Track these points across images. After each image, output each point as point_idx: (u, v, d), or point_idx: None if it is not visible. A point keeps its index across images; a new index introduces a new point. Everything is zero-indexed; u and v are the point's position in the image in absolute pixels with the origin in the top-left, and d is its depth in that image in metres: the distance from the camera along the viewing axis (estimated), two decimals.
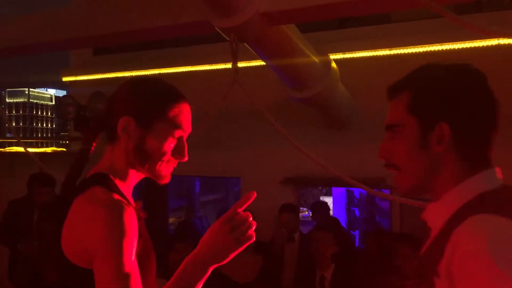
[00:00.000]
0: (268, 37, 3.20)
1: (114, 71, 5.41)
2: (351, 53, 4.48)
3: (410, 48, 4.39)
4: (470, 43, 4.02)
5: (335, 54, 4.35)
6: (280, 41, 3.29)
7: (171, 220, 7.46)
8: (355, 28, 4.89)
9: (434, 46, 4.28)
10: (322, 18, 3.83)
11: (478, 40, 3.93)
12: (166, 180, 1.42)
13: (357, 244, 6.79)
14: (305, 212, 9.23)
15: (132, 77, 1.51)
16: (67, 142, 7.92)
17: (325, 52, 4.06)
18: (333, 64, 4.03)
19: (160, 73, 5.24)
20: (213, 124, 5.13)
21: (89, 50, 6.02)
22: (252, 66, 4.52)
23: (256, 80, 4.65)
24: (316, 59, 3.79)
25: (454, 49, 4.18)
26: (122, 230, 1.20)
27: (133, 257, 1.21)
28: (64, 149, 7.24)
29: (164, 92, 1.41)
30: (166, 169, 1.40)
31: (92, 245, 1.21)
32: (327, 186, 8.02)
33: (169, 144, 1.37)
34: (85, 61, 6.01)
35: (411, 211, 4.47)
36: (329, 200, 8.47)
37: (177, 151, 1.40)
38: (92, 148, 1.44)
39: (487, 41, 3.89)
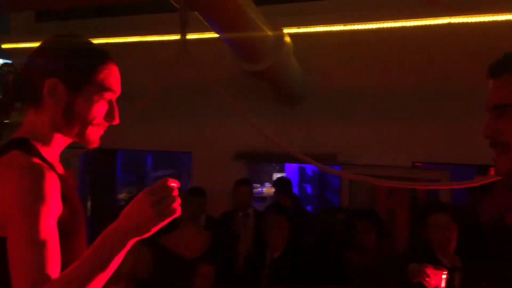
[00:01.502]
0: (220, 7, 3.07)
1: None
2: (306, 28, 4.39)
3: (365, 24, 4.35)
4: (422, 21, 4.02)
5: (289, 28, 4.26)
6: (233, 11, 3.17)
7: (122, 195, 7.30)
8: (311, 2, 4.80)
9: (389, 23, 4.26)
10: None
11: (430, 18, 3.93)
12: (95, 144, 1.38)
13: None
14: (259, 189, 9.24)
15: (54, 36, 1.40)
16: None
17: (279, 25, 3.97)
18: (287, 38, 3.95)
19: (106, 43, 4.99)
20: (164, 97, 5.00)
21: (31, 16, 5.67)
22: (205, 38, 4.37)
23: (209, 53, 4.52)
24: (269, 32, 3.69)
25: (406, 26, 4.17)
26: (39, 195, 1.17)
27: (52, 223, 1.18)
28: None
29: (92, 53, 1.35)
30: (96, 133, 1.37)
31: (6, 210, 1.17)
32: (280, 162, 8.03)
33: (100, 107, 1.35)
34: (27, 28, 5.66)
35: (359, 187, 4.52)
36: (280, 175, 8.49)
37: (107, 114, 1.37)
38: (9, 115, 1.37)
39: (438, 19, 3.90)
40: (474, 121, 4.17)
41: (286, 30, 4.03)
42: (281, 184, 5.39)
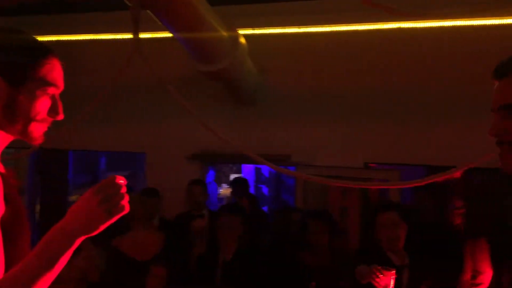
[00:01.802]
0: (173, 6, 3.05)
1: None
2: (261, 29, 4.43)
3: (320, 26, 4.43)
4: (374, 25, 4.13)
5: (245, 29, 4.28)
6: (186, 11, 3.16)
7: (74, 197, 7.11)
8: (266, 4, 4.84)
9: (342, 26, 4.35)
10: None
11: (382, 22, 4.04)
12: (39, 141, 1.34)
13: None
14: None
15: None
16: None
17: (234, 26, 3.98)
18: (242, 39, 3.96)
19: (58, 40, 4.86)
20: (118, 96, 4.92)
21: None
22: (160, 37, 4.32)
23: (163, 53, 4.47)
24: (224, 33, 3.70)
25: (359, 30, 4.28)
26: None
27: None
28: None
29: (34, 48, 1.31)
30: (39, 130, 1.33)
31: None
32: (235, 162, 8.04)
33: (43, 103, 1.31)
34: None
35: (313, 188, 4.59)
36: (237, 176, 8.49)
37: (51, 110, 1.33)
38: None
39: (390, 23, 4.02)
40: (424, 122, 4.38)
41: (241, 31, 4.05)
42: (237, 185, 5.40)
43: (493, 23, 3.78)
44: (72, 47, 5.03)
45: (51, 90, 1.32)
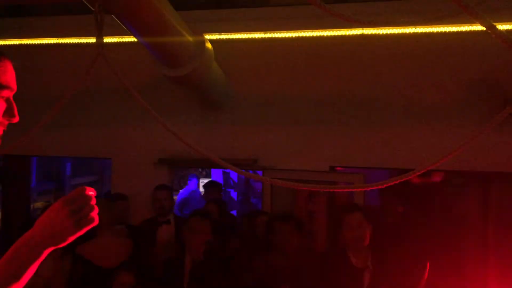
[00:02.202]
0: (137, 11, 3.04)
1: None
2: (227, 34, 4.45)
3: (284, 32, 4.49)
4: (337, 31, 4.21)
5: (211, 34, 4.29)
6: (150, 15, 3.15)
7: (38, 204, 6.95)
8: (233, 9, 4.87)
9: (307, 32, 4.42)
10: None
11: (345, 29, 4.12)
12: None
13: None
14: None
15: None
16: None
17: (200, 31, 3.98)
18: (208, 44, 3.97)
19: (21, 44, 4.76)
20: (82, 101, 4.85)
21: None
22: (124, 42, 4.29)
23: (128, 57, 4.44)
24: (190, 37, 3.70)
25: (323, 36, 4.35)
26: None
27: None
28: None
29: None
30: None
31: None
32: (202, 167, 8.02)
33: None
34: None
35: (281, 192, 4.62)
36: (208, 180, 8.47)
37: (7, 112, 1.31)
38: None
39: (352, 30, 4.10)
40: (388, 127, 4.48)
41: (207, 36, 4.06)
42: (210, 188, 5.40)
43: (452, 30, 3.92)
44: (36, 51, 4.94)
45: (5, 93, 1.31)
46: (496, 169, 4.26)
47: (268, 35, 4.46)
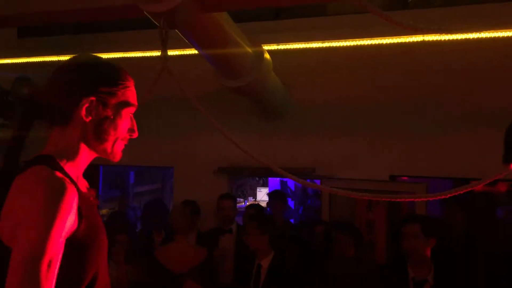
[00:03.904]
0: (200, 25, 3.14)
1: (40, 55, 5.15)
2: (285, 45, 4.50)
3: (343, 41, 4.48)
4: (397, 39, 4.15)
5: (269, 45, 4.36)
6: (212, 29, 3.25)
7: (104, 211, 7.26)
8: (291, 20, 4.92)
9: (366, 40, 4.39)
10: (253, 6, 3.83)
11: (405, 36, 4.06)
12: (119, 157, 1.45)
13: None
14: (242, 203, 9.27)
15: (71, 58, 1.46)
16: None
17: (259, 42, 4.06)
18: (266, 55, 4.04)
19: None
20: (146, 112, 5.03)
21: (14, 32, 5.70)
22: (186, 54, 4.44)
23: (189, 69, 4.58)
24: (249, 49, 3.78)
25: (383, 44, 4.31)
26: (51, 210, 1.17)
27: (59, 240, 1.18)
28: None
29: (116, 71, 1.42)
30: (121, 147, 1.44)
31: (19, 218, 1.18)
32: (260, 176, 8.08)
33: (126, 122, 1.42)
34: (8, 44, 5.67)
35: (340, 201, 4.60)
36: (265, 191, 8.54)
37: (130, 128, 1.45)
38: (27, 134, 1.40)
39: (413, 37, 4.04)
40: (451, 135, 4.35)
41: (265, 47, 4.13)
42: (275, 197, 5.41)
43: (499, 36, 3.77)
44: None
45: (132, 110, 1.44)
46: None
47: (326, 44, 4.46)
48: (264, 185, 9.95)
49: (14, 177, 1.28)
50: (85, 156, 1.40)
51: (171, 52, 3.26)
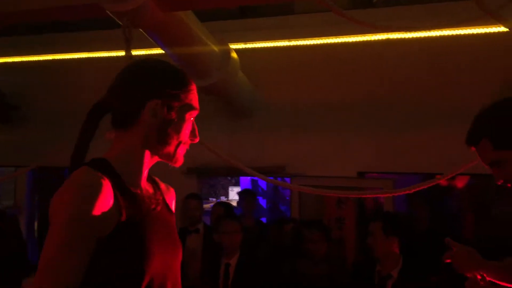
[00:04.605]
0: (164, 24, 3.11)
1: (2, 56, 5.01)
2: (253, 43, 4.50)
3: (310, 40, 4.50)
4: (363, 37, 4.20)
5: (237, 44, 4.35)
6: (177, 28, 3.23)
7: None
8: (258, 19, 4.92)
9: (333, 39, 4.42)
10: (216, 6, 3.82)
11: (370, 35, 4.11)
12: (181, 162, 1.41)
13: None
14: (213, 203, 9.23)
15: (135, 62, 1.46)
16: None
17: (225, 41, 4.05)
18: (233, 54, 4.03)
19: (53, 59, 4.92)
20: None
21: None
22: (152, 54, 4.38)
23: None
24: (215, 48, 3.77)
25: (349, 42, 4.35)
26: (76, 213, 1.16)
27: (84, 245, 1.17)
28: None
29: (181, 74, 1.40)
30: (183, 152, 1.41)
31: (50, 220, 1.19)
32: (230, 175, 8.07)
33: (188, 126, 1.40)
34: None
35: (309, 199, 4.63)
36: (237, 190, 8.52)
37: (192, 133, 1.42)
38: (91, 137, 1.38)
39: (378, 36, 4.09)
40: (417, 131, 4.43)
41: (232, 46, 4.12)
42: (245, 196, 5.41)
43: (481, 32, 3.86)
44: (71, 66, 5.09)
45: (194, 114, 1.41)
46: None
47: (293, 43, 4.48)
48: (236, 184, 9.94)
49: None
50: (147, 160, 1.37)
51: (136, 52, 3.22)
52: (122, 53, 3.58)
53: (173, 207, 1.53)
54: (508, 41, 3.72)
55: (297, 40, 4.54)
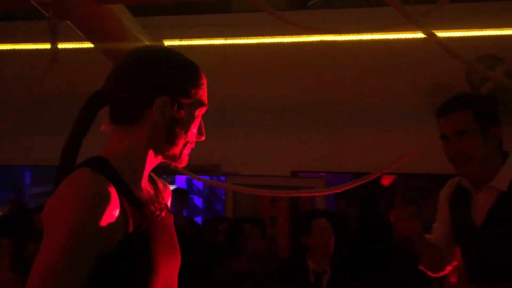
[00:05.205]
0: (94, 17, 3.01)
1: None
2: (188, 40, 4.44)
3: (246, 39, 4.51)
4: (297, 38, 4.26)
5: (171, 41, 4.27)
6: (107, 22, 3.13)
7: None
8: (194, 15, 4.87)
9: (268, 38, 4.46)
10: (147, 2, 3.73)
11: (304, 36, 4.18)
12: (186, 162, 1.29)
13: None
14: None
15: (141, 49, 1.29)
16: None
17: (160, 38, 3.96)
18: None
19: None
20: (40, 108, 4.75)
21: None
22: (83, 48, 4.23)
23: (85, 64, 4.36)
24: (149, 44, 3.67)
25: (285, 43, 4.40)
26: (80, 226, 1.03)
27: (85, 261, 1.04)
28: None
29: (192, 66, 1.28)
30: (188, 151, 1.29)
31: (45, 225, 1.06)
32: (166, 174, 7.93)
33: (196, 124, 1.27)
34: None
35: (243, 197, 4.64)
36: (172, 188, 8.40)
37: (199, 131, 1.30)
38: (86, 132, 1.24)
39: (312, 37, 4.16)
40: (349, 131, 4.56)
41: (166, 42, 4.04)
42: (176, 196, 5.33)
43: (406, 37, 4.02)
44: None
45: (203, 111, 1.29)
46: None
47: (229, 41, 4.47)
48: (172, 182, 9.79)
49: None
50: (150, 160, 1.23)
51: (62, 45, 3.10)
52: (47, 46, 3.44)
53: (169, 206, 1.40)
54: (434, 47, 3.89)
55: (233, 39, 4.53)
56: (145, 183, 1.26)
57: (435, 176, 4.59)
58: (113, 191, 1.10)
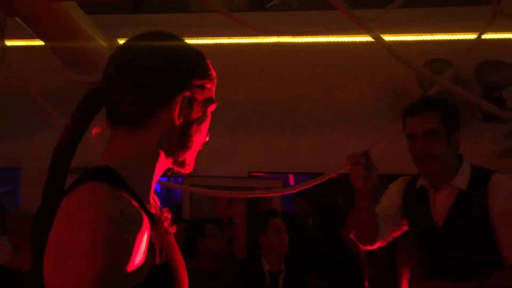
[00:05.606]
0: (44, 14, 2.93)
1: None
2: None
3: (203, 39, 4.49)
4: (256, 39, 4.28)
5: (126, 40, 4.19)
6: (59, 19, 3.04)
7: None
8: (151, 15, 4.80)
9: (225, 39, 4.46)
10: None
11: (261, 37, 4.21)
12: (192, 168, 1.11)
13: None
14: None
15: (145, 36, 1.10)
16: None
17: (114, 36, 3.89)
18: None
19: None
20: None
21: None
22: (33, 46, 4.09)
23: (37, 61, 4.23)
24: (102, 42, 3.60)
25: (243, 43, 4.42)
26: (109, 247, 0.81)
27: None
28: None
29: (204, 57, 1.08)
30: (195, 155, 1.11)
31: (63, 257, 0.82)
32: None
33: (207, 124, 1.10)
34: None
35: (200, 198, 4.61)
36: None
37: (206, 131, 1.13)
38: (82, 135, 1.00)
39: (269, 38, 4.19)
40: (306, 133, 4.60)
41: (122, 41, 3.96)
42: None
43: (362, 40, 4.11)
44: None
45: (213, 108, 1.11)
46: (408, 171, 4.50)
47: (187, 41, 4.43)
48: None
49: (62, 191, 0.93)
50: (159, 168, 1.03)
51: (10, 43, 2.99)
52: None
53: None
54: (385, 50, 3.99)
55: (191, 39, 4.49)
56: (151, 195, 1.05)
57: (392, 177, 4.70)
58: (137, 208, 0.90)
